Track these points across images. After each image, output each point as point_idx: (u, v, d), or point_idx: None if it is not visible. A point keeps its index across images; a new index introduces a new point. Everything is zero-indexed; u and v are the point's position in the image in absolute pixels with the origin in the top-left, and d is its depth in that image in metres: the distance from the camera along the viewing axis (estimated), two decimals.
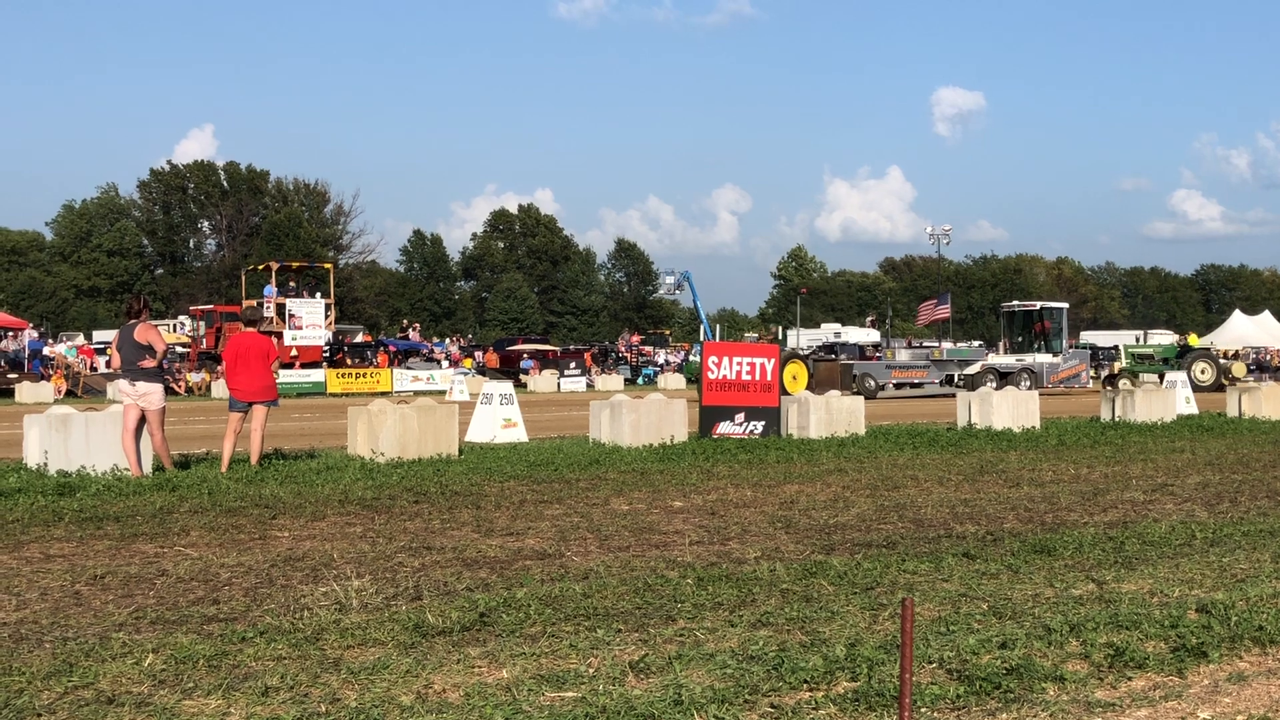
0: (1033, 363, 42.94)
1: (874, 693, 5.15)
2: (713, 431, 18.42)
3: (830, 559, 8.53)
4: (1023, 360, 43.43)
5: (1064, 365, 43.30)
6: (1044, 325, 44.43)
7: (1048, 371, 42.35)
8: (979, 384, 42.66)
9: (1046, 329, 44.34)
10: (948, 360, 45.56)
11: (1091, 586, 7.56)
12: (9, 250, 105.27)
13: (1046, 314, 45.17)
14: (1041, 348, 44.06)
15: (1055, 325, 44.63)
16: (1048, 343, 44.18)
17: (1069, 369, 43.24)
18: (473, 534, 9.86)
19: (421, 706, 5.08)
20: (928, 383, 43.79)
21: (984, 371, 42.85)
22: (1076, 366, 43.77)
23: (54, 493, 11.98)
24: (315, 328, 52.63)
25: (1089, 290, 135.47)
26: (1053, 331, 44.43)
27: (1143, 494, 12.54)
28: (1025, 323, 45.31)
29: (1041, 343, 44.26)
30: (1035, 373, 42.05)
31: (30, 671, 5.58)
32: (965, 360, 45.53)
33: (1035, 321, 44.84)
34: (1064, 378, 42.72)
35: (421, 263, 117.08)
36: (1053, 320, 44.78)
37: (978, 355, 47.65)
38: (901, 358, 46.96)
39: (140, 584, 7.80)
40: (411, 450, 15.45)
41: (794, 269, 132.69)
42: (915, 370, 44.32)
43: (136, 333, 13.73)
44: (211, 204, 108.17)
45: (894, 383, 43.21)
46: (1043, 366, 42.59)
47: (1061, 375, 42.74)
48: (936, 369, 44.63)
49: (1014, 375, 42.07)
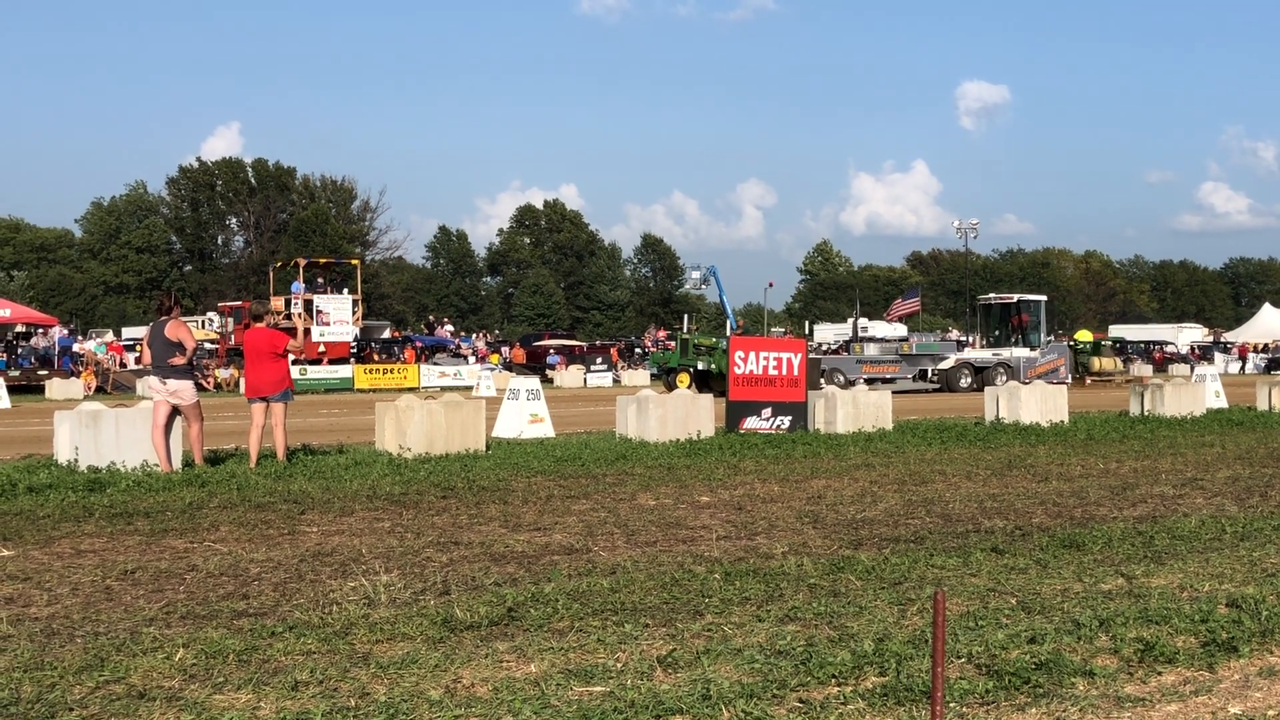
0: (1009, 357, 42.10)
1: (903, 688, 5.14)
2: (739, 426, 18.41)
3: (858, 554, 8.52)
4: (999, 355, 42.66)
5: (1042, 360, 42.30)
6: (1021, 319, 43.50)
7: (1025, 366, 41.24)
8: (954, 379, 42.08)
9: (1024, 322, 43.41)
10: (920, 355, 44.65)
11: (1121, 581, 7.52)
12: (39, 247, 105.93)
13: (1024, 307, 44.20)
14: (1019, 341, 43.18)
15: (1033, 319, 43.71)
16: (1025, 336, 43.30)
17: (1047, 363, 42.14)
18: (500, 529, 9.88)
19: (450, 701, 5.09)
20: (900, 378, 42.49)
21: (959, 366, 42.19)
22: (1055, 361, 42.65)
23: (84, 488, 12.05)
24: (343, 324, 52.78)
25: (1117, 284, 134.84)
26: (1031, 325, 43.49)
27: (1172, 488, 12.47)
28: (1002, 316, 44.38)
29: (1019, 336, 43.36)
30: (1012, 367, 41.14)
31: (62, 666, 5.62)
32: (937, 355, 44.72)
33: (1013, 315, 43.91)
34: (1041, 372, 41.11)
35: (447, 259, 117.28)
36: (1031, 313, 43.85)
37: (949, 349, 46.63)
38: (870, 352, 46.11)
39: (170, 579, 7.84)
40: (439, 445, 15.49)
41: (820, 263, 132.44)
42: (886, 365, 43.23)
43: (167, 330, 13.80)
44: (239, 201, 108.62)
45: (865, 378, 41.88)
46: (1019, 361, 41.65)
47: (1039, 370, 41.31)
48: (908, 364, 43.59)
49: (990, 370, 41.25)
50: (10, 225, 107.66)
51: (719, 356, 38.23)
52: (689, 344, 40.02)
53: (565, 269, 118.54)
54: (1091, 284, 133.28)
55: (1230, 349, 75.75)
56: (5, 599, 7.25)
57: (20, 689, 5.28)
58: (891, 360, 43.86)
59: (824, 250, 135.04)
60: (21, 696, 5.17)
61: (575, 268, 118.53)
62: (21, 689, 5.28)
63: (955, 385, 41.71)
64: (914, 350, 45.29)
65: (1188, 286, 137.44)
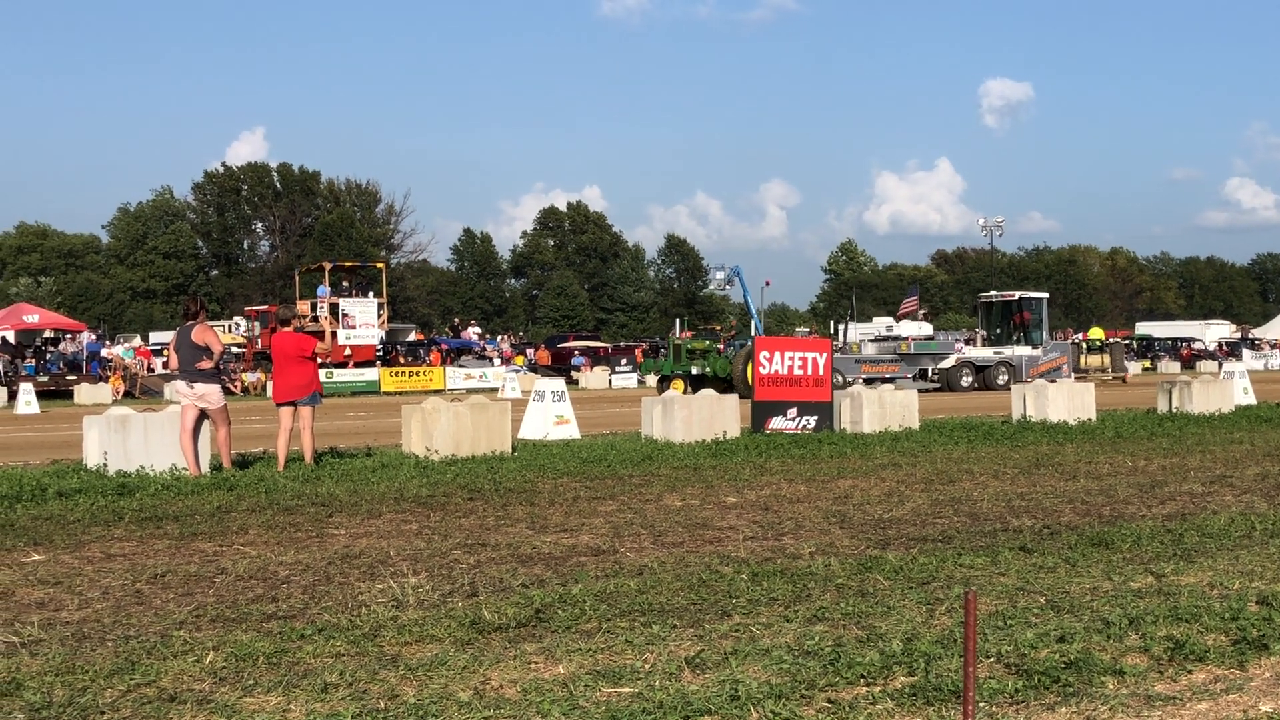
0: (1011, 356, 41.59)
1: (932, 687, 5.13)
2: (765, 427, 18.39)
3: (885, 554, 8.50)
4: (1000, 353, 42.13)
5: (1044, 358, 41.75)
6: (1023, 316, 42.87)
7: (1027, 365, 40.78)
8: (955, 378, 41.46)
9: (1026, 320, 42.77)
10: (919, 354, 43.85)
11: (1150, 579, 7.49)
12: (66, 253, 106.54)
13: (1026, 304, 43.58)
14: (1021, 340, 42.60)
15: (1035, 316, 43.05)
16: (1027, 334, 42.70)
17: (1049, 362, 41.54)
18: (527, 530, 9.89)
19: (479, 702, 5.10)
20: (899, 378, 41.83)
21: (959, 365, 41.59)
22: (1057, 359, 42.06)
23: (114, 493, 12.12)
24: (368, 327, 52.97)
25: (1144, 281, 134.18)
26: (1032, 323, 42.86)
27: (1201, 486, 12.41)
28: (1004, 314, 43.74)
29: (1021, 334, 42.76)
30: (1014, 366, 40.72)
31: (93, 669, 5.65)
32: (937, 354, 44.00)
33: (1014, 313, 43.28)
34: (1044, 371, 40.60)
35: (472, 261, 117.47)
36: (1032, 311, 43.21)
37: (947, 348, 45.74)
38: (868, 352, 45.52)
39: (200, 582, 7.88)
40: (465, 448, 15.52)
41: (844, 263, 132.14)
42: (884, 365, 42.20)
43: (194, 334, 13.86)
44: (265, 205, 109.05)
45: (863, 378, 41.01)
46: (1021, 359, 41.18)
47: (1041, 369, 40.78)
48: (907, 364, 42.73)
49: (991, 369, 40.83)
50: (38, 231, 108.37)
51: (713, 360, 38.00)
52: (682, 349, 39.51)
53: (589, 270, 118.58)
54: (1118, 281, 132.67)
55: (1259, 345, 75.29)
56: (37, 603, 7.30)
57: (52, 692, 5.31)
58: (890, 360, 42.97)
59: (848, 249, 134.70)
60: (53, 700, 5.21)
61: (599, 269, 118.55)
62: (53, 692, 5.31)
63: (956, 384, 41.27)
64: (912, 349, 44.51)
65: (1215, 283, 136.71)
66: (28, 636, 6.39)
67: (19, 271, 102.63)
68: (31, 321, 50.71)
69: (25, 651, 6.05)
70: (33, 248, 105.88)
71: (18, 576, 8.12)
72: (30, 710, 5.07)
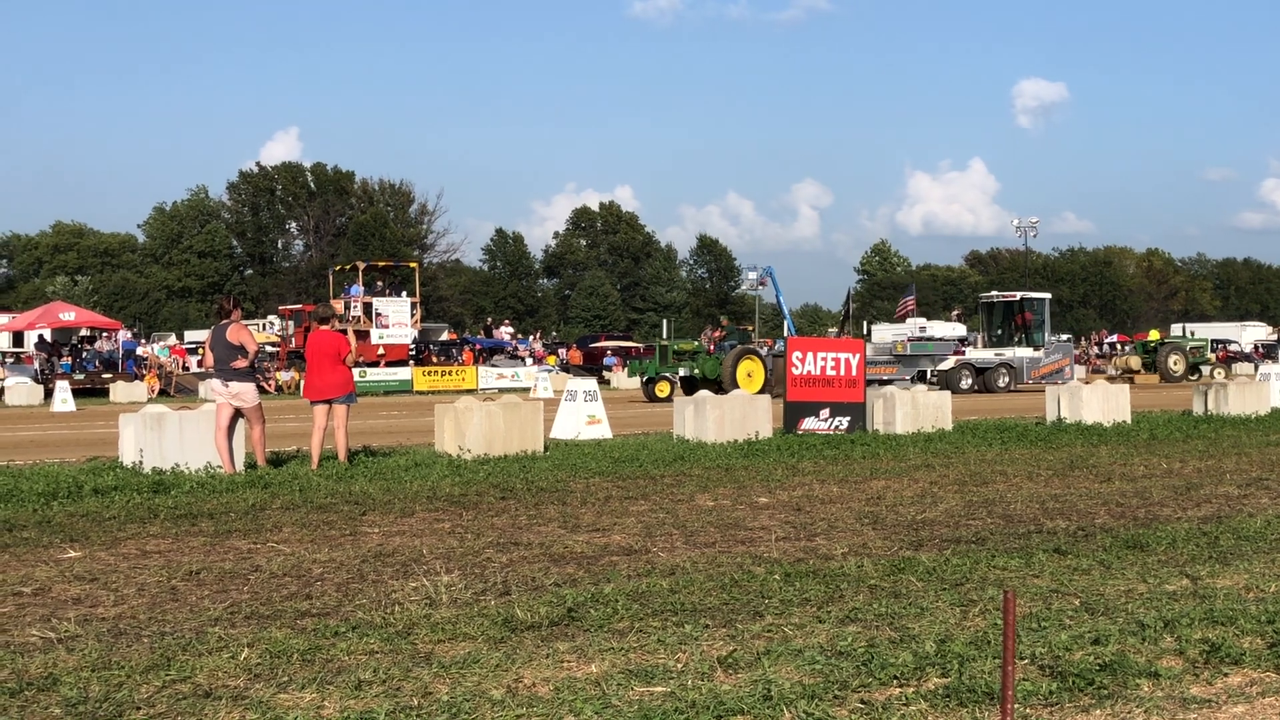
0: (1012, 357, 41.04)
1: (965, 689, 5.12)
2: (797, 427, 18.36)
3: (918, 555, 8.48)
4: (1002, 355, 41.54)
5: (1046, 360, 41.24)
6: (1025, 317, 42.37)
7: (1028, 366, 40.38)
8: (953, 380, 40.57)
9: (1028, 321, 42.28)
10: (917, 355, 43.00)
11: (1185, 582, 7.45)
12: (103, 252, 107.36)
13: (1028, 305, 43.07)
14: (1022, 341, 42.07)
15: (1037, 317, 42.53)
16: (1029, 336, 42.19)
17: (1051, 364, 41.08)
18: (559, 530, 9.91)
19: (512, 700, 5.12)
20: (897, 379, 41.14)
21: (959, 367, 40.92)
22: (1060, 361, 41.57)
23: (149, 490, 12.21)
24: (401, 326, 53.14)
25: (1180, 282, 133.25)
26: (1034, 324, 42.36)
27: (1237, 488, 12.32)
28: (1005, 314, 43.19)
29: (1022, 336, 42.23)
30: (1015, 368, 40.22)
31: (129, 665, 5.70)
32: (935, 355, 43.13)
33: (1016, 313, 42.76)
34: (1046, 373, 40.41)
35: (504, 261, 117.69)
36: (1034, 312, 42.70)
37: (945, 349, 44.64)
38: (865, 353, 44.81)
39: (235, 579, 7.92)
40: (498, 447, 15.55)
41: (877, 263, 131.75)
42: (880, 367, 41.00)
43: (229, 333, 13.94)
44: (299, 205, 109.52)
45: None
46: (1023, 361, 40.68)
47: (1043, 370, 40.56)
48: (905, 365, 41.91)
49: (991, 371, 40.23)
50: (74, 231, 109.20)
51: (702, 361, 37.52)
52: (669, 351, 38.88)
53: (621, 270, 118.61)
54: (1154, 282, 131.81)
55: None
56: (73, 599, 7.36)
57: (89, 688, 5.35)
58: (886, 361, 42.07)
59: (881, 250, 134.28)
60: (90, 695, 5.25)
61: (631, 269, 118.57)
62: (90, 688, 5.35)
63: (955, 387, 40.36)
64: (909, 350, 43.73)
65: (1251, 284, 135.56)
66: (64, 632, 6.45)
67: (56, 270, 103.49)
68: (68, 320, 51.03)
69: (62, 647, 6.10)
70: (69, 247, 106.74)
71: (55, 573, 8.19)
72: (67, 705, 5.11)
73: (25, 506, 11.30)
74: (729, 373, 36.05)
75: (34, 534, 9.86)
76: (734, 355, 36.81)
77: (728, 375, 36.05)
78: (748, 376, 36.06)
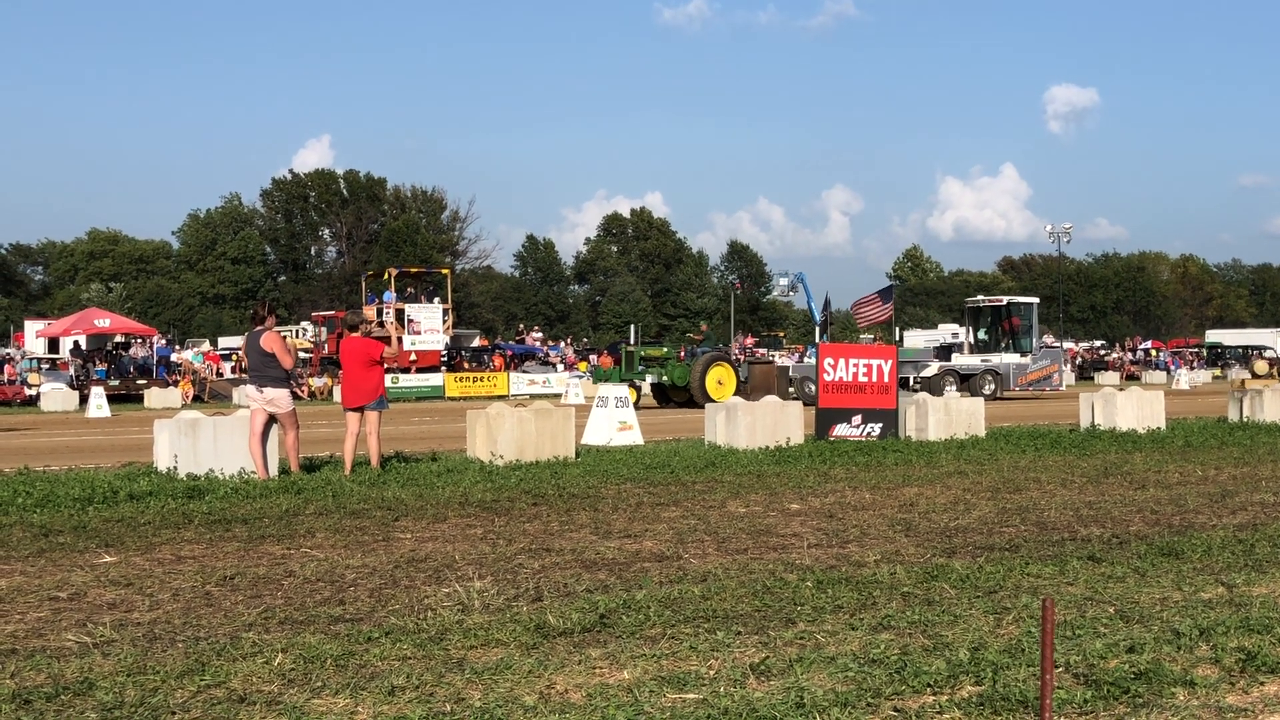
0: (999, 364, 40.20)
1: (999, 697, 5.09)
2: (829, 434, 18.32)
3: (951, 562, 8.45)
4: (988, 361, 40.66)
5: (1033, 366, 40.43)
6: (1012, 323, 41.49)
7: (1015, 373, 39.65)
8: (936, 387, 39.94)
9: (1015, 326, 41.41)
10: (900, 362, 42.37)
11: (1221, 590, 7.39)
12: (137, 259, 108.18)
13: (1015, 310, 42.18)
14: (1009, 347, 41.19)
15: (1025, 322, 41.56)
16: (1016, 341, 41.28)
17: (1039, 370, 40.36)
18: (591, 536, 9.91)
19: (544, 706, 5.12)
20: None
21: (942, 374, 39.54)
22: (1048, 368, 40.84)
23: (184, 495, 12.27)
24: (433, 332, 53.30)
25: (1214, 288, 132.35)
26: (1022, 329, 41.43)
27: (1273, 495, 12.22)
28: (992, 319, 42.33)
29: (1009, 341, 41.34)
30: (1001, 375, 39.52)
31: (164, 670, 5.73)
32: (918, 362, 41.70)
33: (1003, 319, 41.90)
34: (1033, 380, 39.80)
35: (535, 267, 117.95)
36: (1022, 317, 41.74)
37: (925, 356, 43.70)
38: None
39: (268, 585, 7.96)
40: (529, 453, 15.57)
41: (909, 269, 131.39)
42: None
43: (263, 340, 14.00)
44: (332, 212, 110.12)
45: None
46: (1009, 368, 39.90)
47: (1031, 377, 39.87)
48: None
49: (976, 378, 39.32)
50: (109, 238, 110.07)
51: (671, 368, 36.46)
52: (634, 357, 37.50)
53: (652, 276, 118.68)
54: (1188, 289, 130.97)
55: None
56: (109, 604, 7.40)
57: (124, 693, 5.38)
58: None
59: (914, 256, 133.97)
60: (125, 700, 5.28)
61: (662, 275, 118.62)
62: (125, 693, 5.38)
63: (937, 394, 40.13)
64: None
65: None
66: (100, 637, 6.49)
67: (91, 277, 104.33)
68: (103, 326, 51.35)
69: (97, 652, 6.14)
70: (104, 254, 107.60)
71: (90, 578, 8.24)
72: (102, 710, 5.14)
73: (61, 512, 11.38)
74: (698, 380, 35.22)
75: (70, 539, 9.93)
76: (703, 362, 35.64)
77: (697, 383, 35.22)
78: (718, 384, 34.93)
